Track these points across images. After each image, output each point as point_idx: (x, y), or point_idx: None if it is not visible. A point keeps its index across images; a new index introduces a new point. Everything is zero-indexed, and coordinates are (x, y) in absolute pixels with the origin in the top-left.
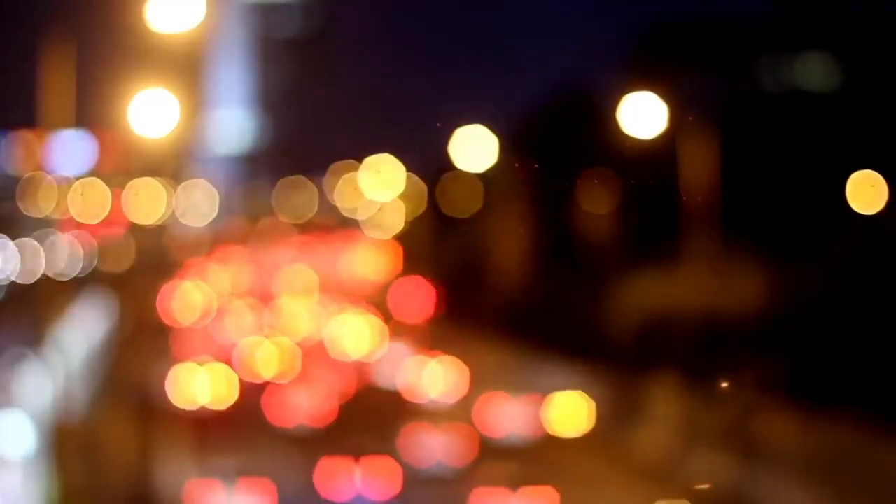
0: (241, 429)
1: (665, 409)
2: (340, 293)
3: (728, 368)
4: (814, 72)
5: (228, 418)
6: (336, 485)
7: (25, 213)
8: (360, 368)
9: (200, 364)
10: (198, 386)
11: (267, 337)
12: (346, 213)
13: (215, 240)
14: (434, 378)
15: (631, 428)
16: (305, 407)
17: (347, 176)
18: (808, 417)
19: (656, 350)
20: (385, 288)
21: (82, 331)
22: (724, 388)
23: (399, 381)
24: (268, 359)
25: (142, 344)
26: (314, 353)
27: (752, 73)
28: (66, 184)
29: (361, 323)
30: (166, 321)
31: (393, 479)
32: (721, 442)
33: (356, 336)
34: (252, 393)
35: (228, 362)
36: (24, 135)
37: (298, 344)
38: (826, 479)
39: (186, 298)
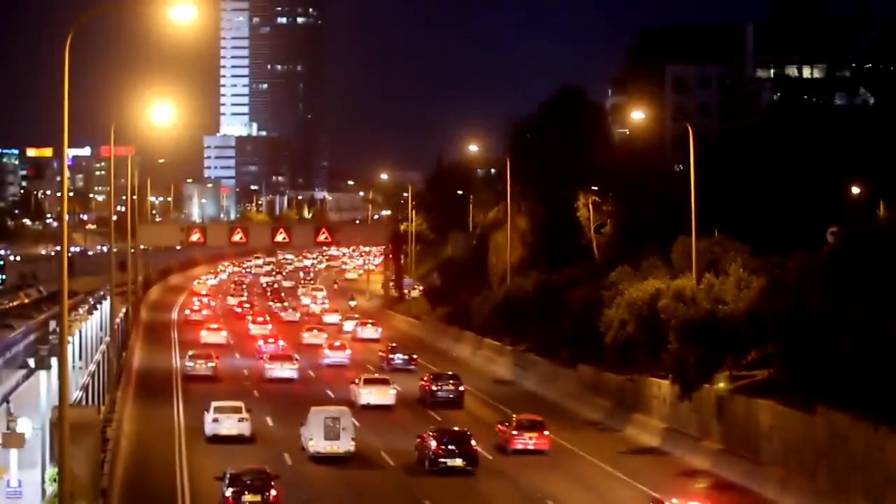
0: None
1: (663, 407)
2: (329, 282)
3: (726, 367)
4: (810, 75)
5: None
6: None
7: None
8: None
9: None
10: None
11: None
12: (346, 220)
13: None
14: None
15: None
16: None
17: (348, 186)
18: (806, 415)
19: (654, 349)
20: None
21: (85, 330)
22: (722, 387)
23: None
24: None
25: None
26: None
27: (750, 74)
28: (73, 193)
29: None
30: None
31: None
32: (719, 440)
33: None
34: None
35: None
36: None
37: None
38: (823, 475)
39: (197, 289)
